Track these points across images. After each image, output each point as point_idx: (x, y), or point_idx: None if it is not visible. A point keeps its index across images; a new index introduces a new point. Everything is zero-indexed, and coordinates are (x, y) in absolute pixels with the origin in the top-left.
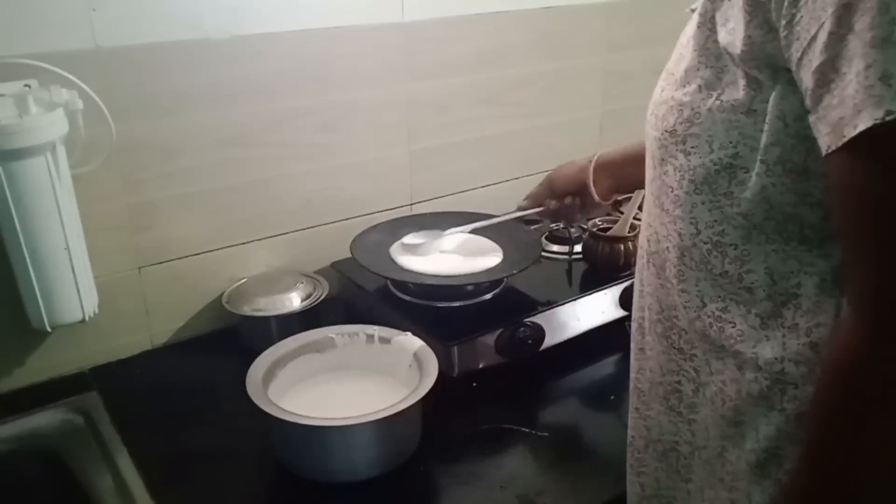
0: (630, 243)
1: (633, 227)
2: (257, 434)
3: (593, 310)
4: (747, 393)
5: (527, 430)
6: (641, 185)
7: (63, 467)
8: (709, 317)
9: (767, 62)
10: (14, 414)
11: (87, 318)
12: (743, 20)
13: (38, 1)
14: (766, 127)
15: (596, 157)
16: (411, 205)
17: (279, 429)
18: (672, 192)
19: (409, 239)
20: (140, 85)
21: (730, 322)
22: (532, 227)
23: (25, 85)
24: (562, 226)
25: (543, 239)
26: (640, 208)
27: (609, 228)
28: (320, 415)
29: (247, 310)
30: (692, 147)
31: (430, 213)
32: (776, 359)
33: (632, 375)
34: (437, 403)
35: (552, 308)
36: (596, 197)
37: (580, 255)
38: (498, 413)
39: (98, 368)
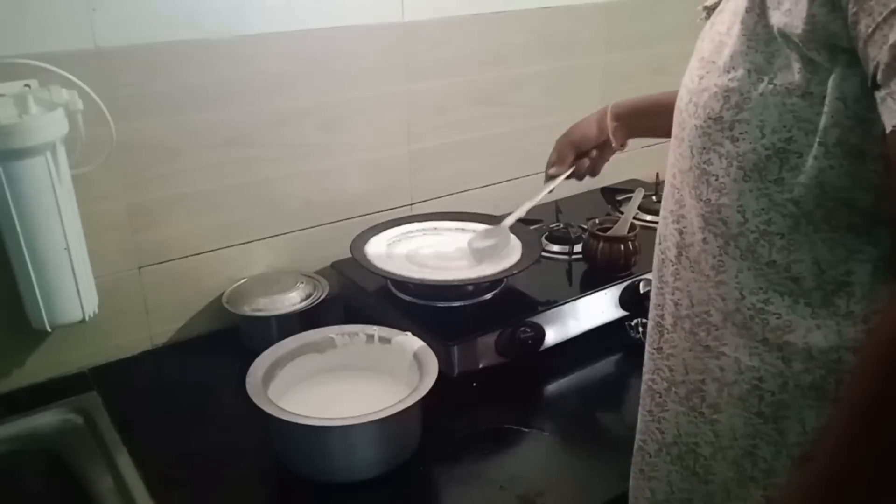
0: (630, 243)
1: (632, 227)
2: (257, 434)
3: (593, 310)
4: (795, 385)
5: (527, 430)
6: (649, 133)
7: (63, 467)
8: (749, 309)
9: (828, 42)
10: (14, 414)
11: (87, 318)
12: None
13: (38, 1)
14: (825, 109)
15: (611, 109)
16: (411, 205)
17: (279, 429)
18: (716, 180)
19: (478, 242)
20: (140, 85)
21: (774, 314)
22: (532, 227)
23: (25, 85)
24: (562, 226)
25: (543, 239)
26: (640, 208)
27: (609, 228)
28: (320, 415)
29: (247, 310)
30: (741, 133)
31: (430, 214)
32: (831, 347)
33: (645, 377)
34: (437, 403)
35: (552, 308)
36: (615, 145)
37: (580, 255)
38: (498, 413)
39: (98, 368)
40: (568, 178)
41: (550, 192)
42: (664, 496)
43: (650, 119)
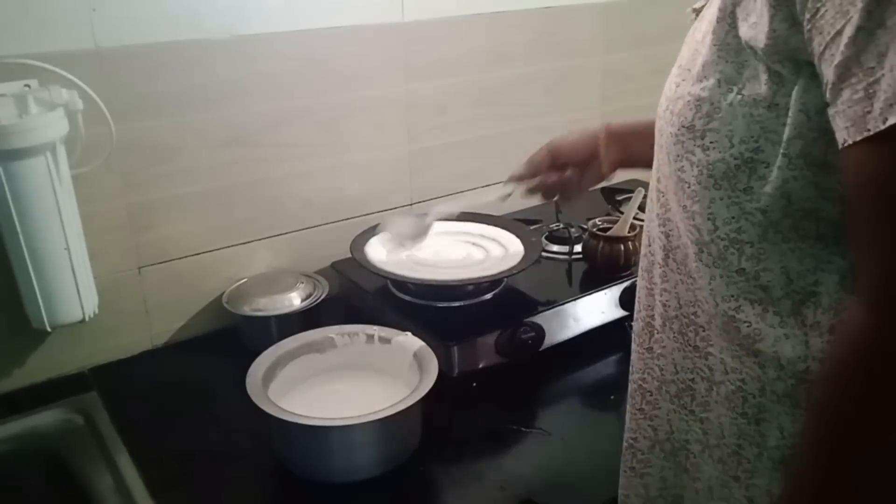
0: (630, 243)
1: (632, 227)
2: (257, 434)
3: (593, 310)
4: (772, 391)
5: (527, 430)
6: (648, 164)
7: (63, 467)
8: (723, 315)
9: (791, 56)
10: (14, 414)
11: (87, 318)
12: (767, 14)
13: (38, 1)
14: (788, 120)
15: (606, 126)
16: (411, 205)
17: (279, 429)
18: (689, 187)
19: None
20: (140, 85)
21: (745, 322)
22: (532, 227)
23: (25, 85)
24: (562, 226)
25: (543, 239)
26: (640, 208)
27: (609, 228)
28: (320, 415)
29: (247, 310)
30: (711, 142)
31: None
32: (799, 357)
33: (634, 376)
34: (437, 403)
35: (552, 308)
36: (604, 168)
37: (580, 255)
38: (498, 413)
39: (98, 368)
40: (535, 191)
41: (505, 197)
42: (657, 491)
43: (643, 145)
